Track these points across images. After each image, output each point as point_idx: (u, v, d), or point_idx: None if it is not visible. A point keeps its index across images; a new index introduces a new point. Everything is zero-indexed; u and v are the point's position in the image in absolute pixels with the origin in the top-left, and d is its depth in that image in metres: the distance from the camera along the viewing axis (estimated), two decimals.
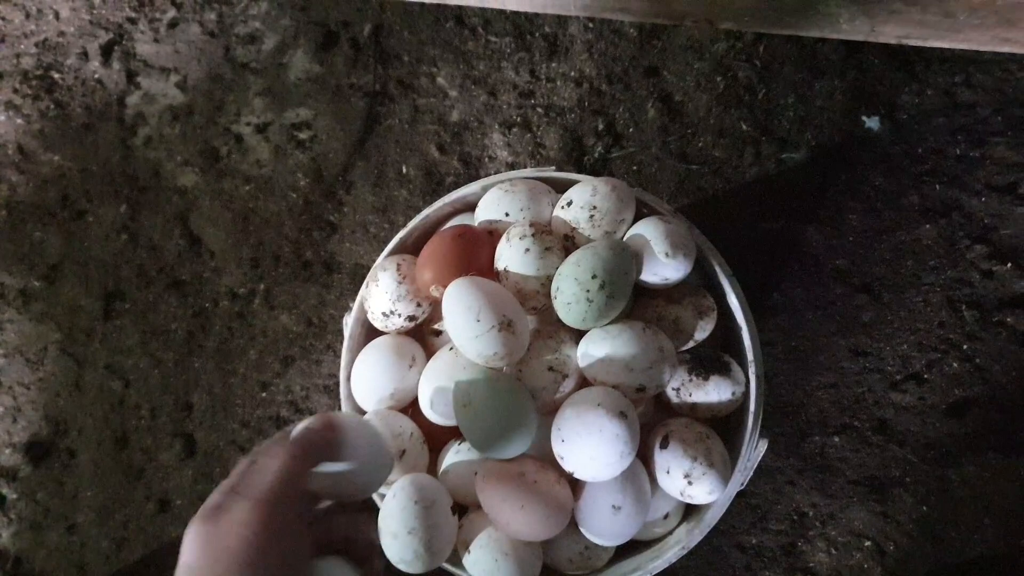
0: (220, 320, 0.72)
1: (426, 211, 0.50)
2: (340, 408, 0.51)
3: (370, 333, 0.51)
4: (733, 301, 0.46)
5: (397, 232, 0.52)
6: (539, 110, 0.70)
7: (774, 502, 0.64)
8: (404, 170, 0.71)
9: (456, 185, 0.70)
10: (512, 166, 0.70)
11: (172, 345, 0.73)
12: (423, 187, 0.71)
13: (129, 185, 0.75)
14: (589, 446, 0.40)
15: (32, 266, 0.75)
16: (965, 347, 0.63)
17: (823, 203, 0.65)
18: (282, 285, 0.72)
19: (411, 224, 0.50)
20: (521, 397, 0.42)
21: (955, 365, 0.63)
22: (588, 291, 0.41)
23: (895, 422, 0.63)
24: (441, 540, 0.42)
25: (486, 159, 0.71)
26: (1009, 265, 0.62)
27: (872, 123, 0.65)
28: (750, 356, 0.45)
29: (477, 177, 0.69)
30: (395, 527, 0.42)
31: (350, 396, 0.49)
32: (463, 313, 0.41)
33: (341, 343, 0.69)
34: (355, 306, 0.50)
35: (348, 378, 0.50)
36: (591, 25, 0.70)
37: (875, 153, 0.65)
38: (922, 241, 0.64)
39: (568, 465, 0.41)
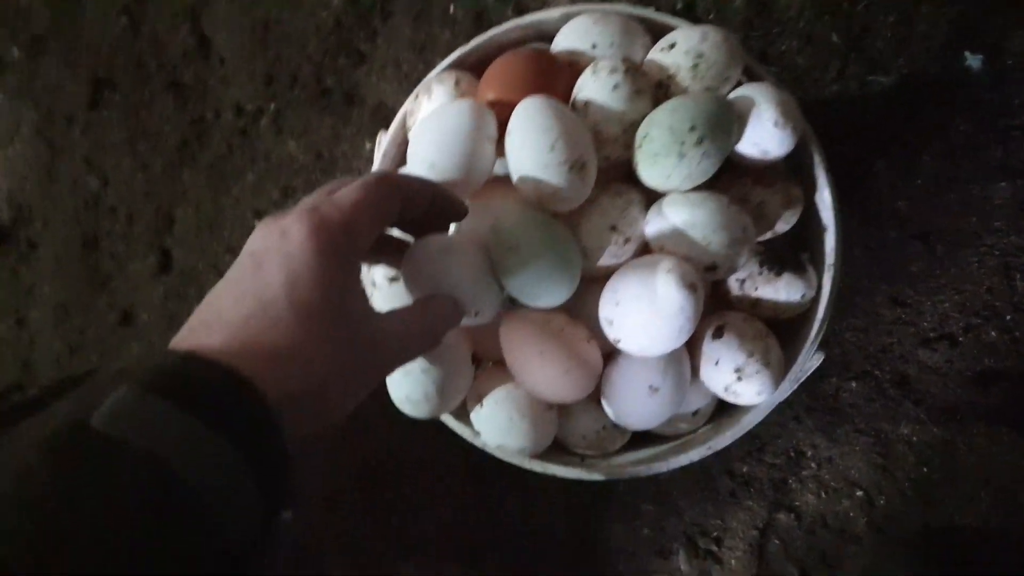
0: (220, 134, 0.65)
1: (493, 31, 0.44)
2: None
3: (402, 159, 0.45)
4: (825, 197, 0.41)
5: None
6: None
7: (775, 435, 0.61)
8: (451, 9, 0.64)
9: None
10: None
11: (162, 150, 0.66)
12: (469, 31, 0.64)
13: None
14: (647, 314, 0.35)
15: (14, 33, 0.67)
16: (1008, 318, 0.59)
17: (900, 138, 0.60)
18: (295, 109, 0.64)
19: (475, 42, 0.44)
20: (572, 248, 0.37)
21: (993, 334, 0.60)
22: (683, 143, 0.35)
23: (917, 379, 0.60)
24: (455, 385, 0.38)
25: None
26: None
27: (974, 62, 0.59)
28: (830, 260, 0.41)
29: None
30: (410, 363, 0.37)
31: None
32: (537, 136, 0.35)
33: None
34: (394, 122, 0.44)
35: None
36: None
37: (968, 95, 0.59)
38: (993, 199, 0.59)
39: (616, 332, 0.37)
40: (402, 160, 0.46)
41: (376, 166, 0.45)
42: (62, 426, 0.22)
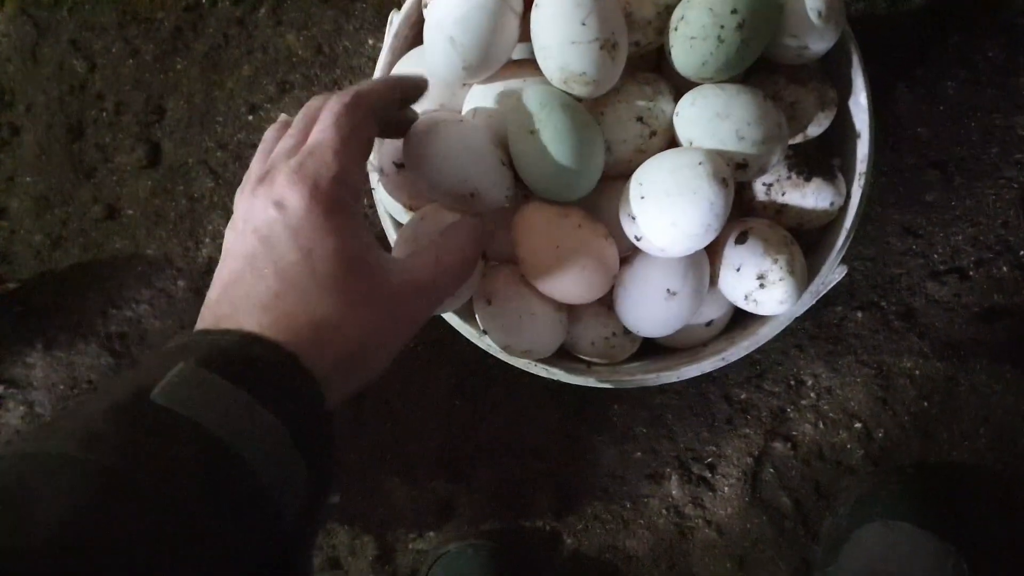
0: (216, 22, 0.62)
1: None
2: None
3: (416, 39, 0.42)
4: (861, 101, 0.39)
5: None
6: None
7: (776, 362, 0.60)
8: None
9: None
10: None
11: (154, 37, 0.62)
12: None
13: None
14: (675, 209, 0.33)
15: None
16: (1022, 253, 0.58)
17: (925, 60, 0.58)
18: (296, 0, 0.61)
19: None
20: (597, 135, 0.35)
21: (1004, 269, 0.58)
22: (722, 27, 0.33)
23: (923, 312, 0.59)
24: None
25: None
26: None
27: None
28: (861, 168, 0.39)
29: None
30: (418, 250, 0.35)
31: None
32: (569, 9, 0.33)
33: (350, 79, 0.60)
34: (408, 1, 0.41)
35: None
36: None
37: (1000, 19, 0.57)
38: (1016, 130, 0.57)
39: (639, 228, 0.35)
40: (416, 40, 0.43)
41: (386, 48, 0.42)
42: (125, 397, 0.23)
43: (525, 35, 0.36)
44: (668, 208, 0.34)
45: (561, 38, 0.34)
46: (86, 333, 0.65)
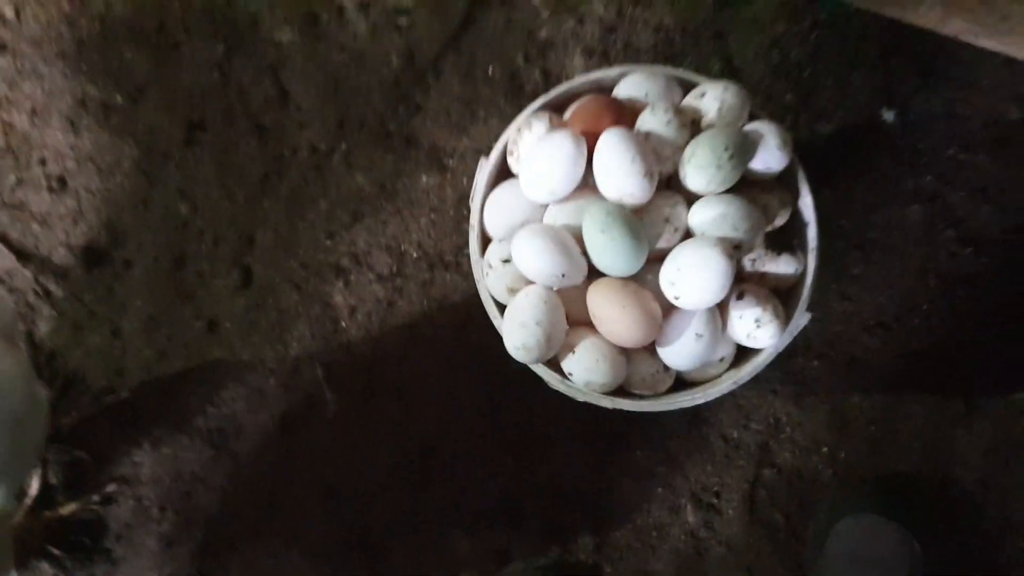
0: (297, 169, 0.78)
1: (569, 83, 0.60)
2: (471, 239, 0.59)
3: (500, 176, 0.60)
4: (807, 201, 0.58)
5: (477, 123, 0.67)
6: (619, 45, 0.80)
7: (757, 406, 0.77)
8: (490, 71, 0.80)
9: (535, 94, 0.78)
10: None
11: (246, 183, 0.78)
12: (505, 88, 0.79)
13: (228, 28, 0.79)
14: (700, 276, 0.50)
15: (118, 82, 0.78)
16: (925, 308, 0.78)
17: (839, 172, 0.78)
18: (362, 148, 0.78)
19: (554, 91, 0.60)
20: (642, 231, 0.53)
21: (916, 321, 0.78)
22: (720, 159, 0.52)
23: (862, 358, 0.77)
24: (556, 336, 0.53)
25: (563, 76, 0.80)
26: (970, 251, 0.78)
27: (889, 116, 0.79)
28: (812, 245, 0.58)
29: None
30: (524, 318, 0.51)
31: (482, 225, 0.59)
32: (622, 152, 0.51)
33: (410, 209, 0.77)
34: (494, 151, 0.59)
35: (481, 209, 0.58)
36: None
37: (887, 140, 0.79)
38: (910, 218, 0.78)
39: (676, 291, 0.52)
40: (500, 176, 0.60)
41: (480, 184, 0.59)
42: None
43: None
44: (696, 276, 0.51)
45: (620, 172, 0.51)
46: (189, 431, 0.76)
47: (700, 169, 0.53)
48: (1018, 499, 0.75)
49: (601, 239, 0.52)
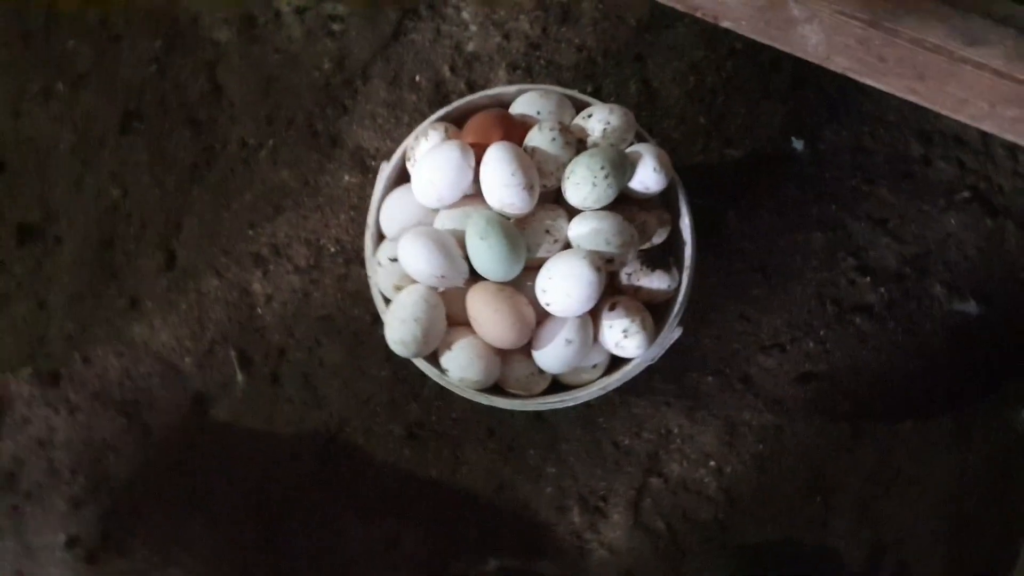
0: (226, 161, 0.82)
1: (468, 97, 0.64)
2: (366, 237, 0.63)
3: (398, 179, 0.64)
4: (686, 222, 0.61)
5: (401, 127, 0.72)
6: (542, 62, 0.84)
7: (650, 416, 0.79)
8: (417, 79, 0.83)
9: None
10: None
11: (176, 172, 0.82)
12: (430, 97, 0.83)
13: (168, 24, 0.83)
14: (569, 286, 0.54)
15: (60, 71, 0.82)
16: (821, 332, 0.80)
17: (746, 196, 0.81)
18: (289, 146, 0.82)
19: (454, 104, 0.63)
20: (521, 241, 0.56)
21: (811, 345, 0.80)
22: (595, 177, 0.55)
23: (756, 377, 0.80)
24: (435, 333, 0.57)
25: (488, 88, 0.83)
26: (868, 279, 0.80)
27: (798, 144, 0.82)
28: (687, 263, 0.61)
29: None
30: (404, 314, 0.55)
31: (377, 225, 0.63)
32: (505, 165, 0.54)
33: (331, 205, 0.80)
34: (395, 155, 0.63)
35: (378, 210, 0.63)
36: (600, 7, 0.84)
37: (794, 168, 0.81)
38: (811, 245, 0.81)
39: (547, 298, 0.55)
40: (399, 180, 0.64)
41: (379, 187, 0.63)
42: None
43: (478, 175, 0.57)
44: (564, 285, 0.54)
45: (500, 183, 0.55)
46: (105, 401, 0.80)
47: (577, 186, 0.57)
48: (895, 525, 0.77)
49: (481, 245, 0.55)
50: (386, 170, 0.64)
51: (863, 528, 0.78)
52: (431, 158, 0.58)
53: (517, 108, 0.63)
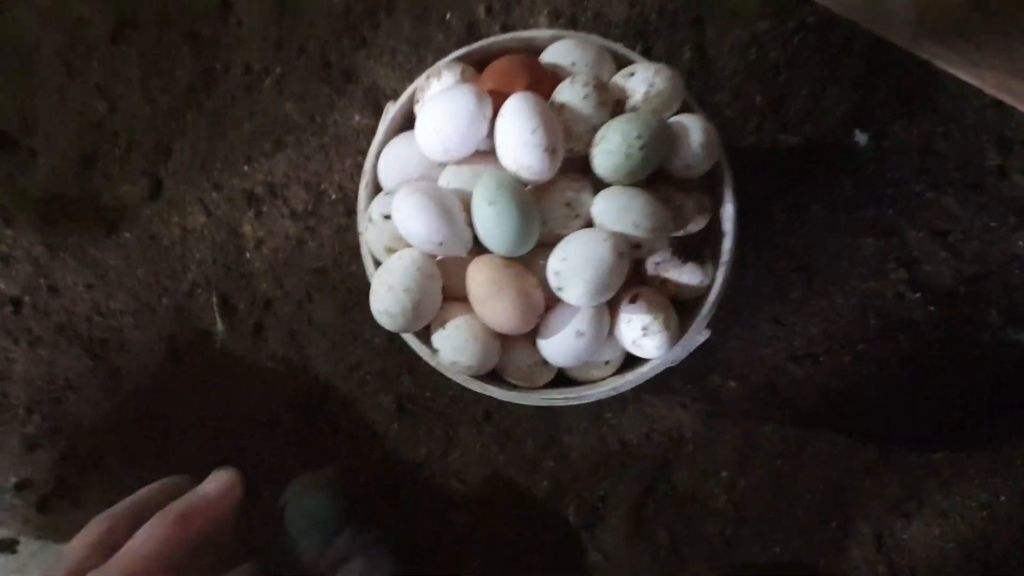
0: (227, 86, 0.73)
1: (494, 38, 0.54)
2: (360, 187, 0.54)
3: (405, 124, 0.55)
4: (728, 211, 0.53)
5: (423, 68, 0.57)
6: (589, 13, 0.75)
7: (664, 416, 0.72)
8: (447, 17, 0.74)
9: None
10: None
11: (170, 91, 0.73)
12: (460, 38, 0.74)
13: None
14: (587, 271, 0.46)
15: None
16: (860, 347, 0.73)
17: (796, 189, 0.73)
18: (297, 76, 0.73)
19: (478, 44, 0.54)
20: (536, 212, 0.48)
21: (846, 359, 0.73)
22: (630, 146, 0.46)
23: (783, 387, 0.73)
24: (427, 308, 0.48)
25: None
26: (918, 295, 0.72)
27: (861, 138, 0.73)
28: (724, 259, 0.53)
29: None
30: (393, 281, 0.46)
31: (374, 174, 0.54)
32: (524, 121, 0.45)
33: (337, 147, 0.72)
34: (403, 96, 0.54)
35: (376, 156, 0.54)
36: None
37: (853, 164, 0.73)
38: (861, 251, 0.73)
39: (560, 281, 0.47)
40: (404, 125, 0.55)
41: (381, 129, 0.55)
42: None
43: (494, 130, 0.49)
44: (583, 269, 0.46)
45: (517, 140, 0.46)
46: (70, 336, 0.73)
47: (608, 154, 0.48)
48: (915, 560, 0.71)
49: (488, 211, 0.47)
50: (391, 111, 0.55)
51: (880, 560, 0.71)
52: (439, 102, 0.48)
53: (548, 56, 0.53)
